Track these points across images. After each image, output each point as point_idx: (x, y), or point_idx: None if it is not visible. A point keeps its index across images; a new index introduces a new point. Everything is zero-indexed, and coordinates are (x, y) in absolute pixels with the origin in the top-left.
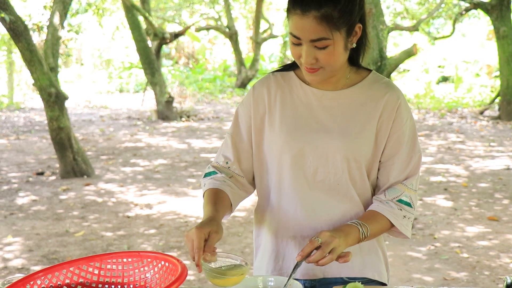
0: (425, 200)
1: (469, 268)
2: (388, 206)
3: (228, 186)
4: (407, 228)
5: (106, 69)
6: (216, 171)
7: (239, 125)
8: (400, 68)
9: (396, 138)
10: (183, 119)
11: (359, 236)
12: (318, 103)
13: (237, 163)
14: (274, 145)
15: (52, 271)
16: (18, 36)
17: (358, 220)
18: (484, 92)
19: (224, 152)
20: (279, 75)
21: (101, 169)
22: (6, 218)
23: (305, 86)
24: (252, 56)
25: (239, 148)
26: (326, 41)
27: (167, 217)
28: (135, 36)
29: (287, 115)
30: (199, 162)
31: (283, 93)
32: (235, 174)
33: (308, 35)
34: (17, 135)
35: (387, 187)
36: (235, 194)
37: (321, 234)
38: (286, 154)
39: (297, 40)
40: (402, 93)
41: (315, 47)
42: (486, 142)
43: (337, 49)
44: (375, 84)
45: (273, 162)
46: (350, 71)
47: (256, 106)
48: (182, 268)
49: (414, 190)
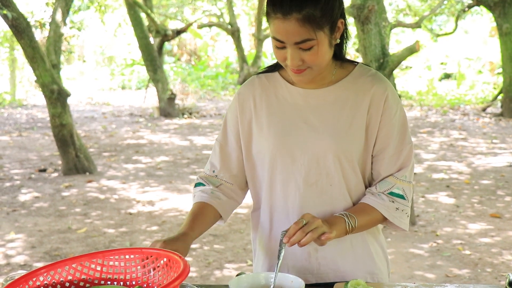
0: (427, 197)
1: (471, 265)
2: (379, 199)
3: (217, 198)
4: (401, 220)
5: (108, 66)
6: (203, 183)
7: (227, 132)
8: (402, 65)
9: (386, 131)
10: (185, 116)
11: (346, 227)
12: (305, 103)
13: (224, 170)
14: (263, 149)
15: (55, 267)
16: (21, 33)
17: (346, 212)
18: (486, 89)
19: (211, 159)
20: (264, 76)
21: (103, 166)
22: (9, 215)
23: (290, 86)
24: (254, 53)
25: (227, 155)
26: (311, 42)
27: (169, 214)
28: (137, 33)
29: (274, 118)
30: (201, 159)
31: (268, 95)
32: (224, 182)
33: (292, 38)
34: (19, 132)
35: (379, 180)
36: (224, 205)
37: (305, 215)
38: (276, 158)
39: (281, 43)
40: (390, 84)
41: (300, 48)
42: (489, 139)
43: (322, 48)
44: (361, 78)
45: (263, 167)
46: (335, 67)
47: (242, 111)
48: (184, 264)
49: (408, 182)
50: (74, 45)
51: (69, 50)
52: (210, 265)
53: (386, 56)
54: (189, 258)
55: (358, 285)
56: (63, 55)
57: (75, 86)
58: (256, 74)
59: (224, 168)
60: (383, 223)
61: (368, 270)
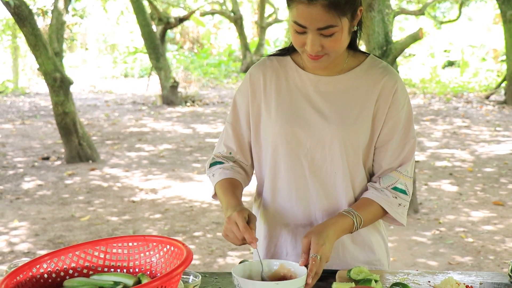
0: (430, 185)
1: (474, 252)
2: (383, 194)
3: (238, 173)
4: (402, 216)
5: (111, 54)
6: (221, 161)
7: (238, 113)
8: (405, 53)
9: (392, 124)
10: (188, 104)
11: (352, 229)
12: (314, 89)
13: (240, 151)
14: (269, 132)
15: (58, 255)
16: (23, 21)
17: (353, 210)
18: (490, 77)
19: (226, 141)
20: (275, 59)
21: (106, 154)
22: (12, 203)
23: (301, 71)
24: (257, 41)
25: (240, 136)
26: (333, 29)
27: (172, 201)
28: (140, 21)
29: (282, 102)
30: (204, 147)
31: (278, 78)
32: (240, 162)
33: (316, 24)
34: (22, 120)
35: (380, 173)
36: (244, 179)
37: (319, 249)
38: (281, 142)
39: (302, 28)
40: (400, 78)
41: (321, 35)
42: (492, 126)
43: (343, 35)
44: (372, 69)
45: (268, 150)
46: (348, 55)
47: (253, 92)
48: (187, 252)
49: (409, 177)
50: (76, 33)
51: (72, 38)
52: (213, 252)
53: (390, 44)
54: (192, 246)
55: (360, 272)
56: (65, 43)
57: (78, 74)
58: (267, 56)
59: (240, 150)
60: (382, 218)
61: (367, 260)
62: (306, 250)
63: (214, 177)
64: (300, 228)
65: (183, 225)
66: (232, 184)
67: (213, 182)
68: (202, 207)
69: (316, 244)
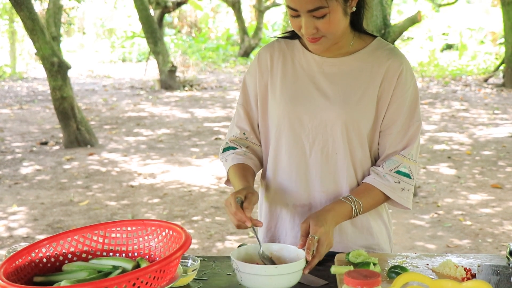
0: (429, 168)
1: (472, 235)
2: (384, 180)
3: (250, 159)
4: (407, 200)
5: (109, 38)
6: (235, 146)
7: (248, 94)
8: (404, 36)
9: (396, 106)
10: (186, 89)
11: (351, 215)
12: (319, 70)
13: (253, 132)
14: (274, 112)
15: (57, 239)
16: (20, 5)
17: (352, 196)
18: (488, 60)
19: (238, 123)
20: (284, 42)
21: (104, 139)
22: (11, 188)
23: (307, 53)
24: (255, 25)
25: (252, 117)
26: (323, 10)
27: (170, 186)
28: (138, 5)
29: (287, 82)
30: (202, 132)
31: (285, 59)
32: (251, 144)
33: (305, 6)
34: (20, 105)
35: (384, 156)
36: (256, 165)
37: (317, 230)
38: (284, 121)
39: (295, 12)
40: (406, 60)
41: (313, 17)
42: (490, 109)
43: (336, 16)
44: (378, 51)
45: (272, 129)
46: (353, 37)
47: (260, 73)
48: (186, 236)
49: (414, 161)
50: (74, 17)
51: (69, 22)
52: (212, 237)
53: (388, 27)
54: (191, 230)
55: (359, 255)
56: (63, 27)
57: (76, 58)
58: (276, 38)
59: (253, 131)
60: (386, 202)
61: (366, 244)
62: (305, 234)
63: (227, 162)
64: (299, 208)
65: (182, 210)
66: (244, 168)
67: (226, 167)
68: (200, 191)
69: (314, 225)
